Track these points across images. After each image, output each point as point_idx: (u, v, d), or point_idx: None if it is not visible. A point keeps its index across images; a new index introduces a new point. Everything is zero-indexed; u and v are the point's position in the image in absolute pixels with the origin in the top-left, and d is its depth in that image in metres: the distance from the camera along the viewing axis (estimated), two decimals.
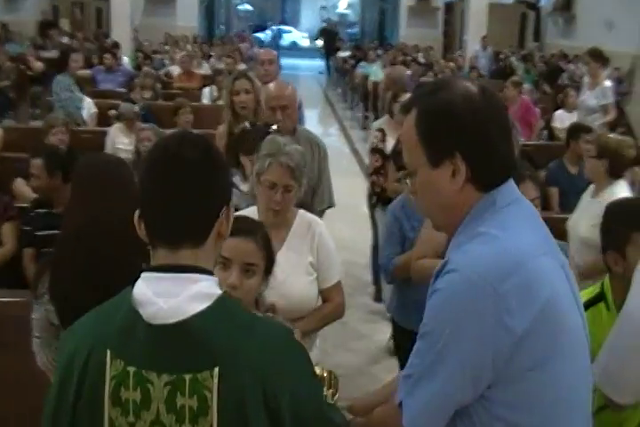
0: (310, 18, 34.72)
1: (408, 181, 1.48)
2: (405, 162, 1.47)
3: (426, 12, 20.31)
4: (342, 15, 34.00)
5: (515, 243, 1.34)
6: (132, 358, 1.21)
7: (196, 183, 1.25)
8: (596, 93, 6.66)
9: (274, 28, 32.53)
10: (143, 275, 1.26)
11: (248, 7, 32.83)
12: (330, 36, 22.85)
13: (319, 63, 24.17)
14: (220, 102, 8.62)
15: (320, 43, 26.91)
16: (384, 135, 4.46)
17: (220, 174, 1.29)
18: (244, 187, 3.24)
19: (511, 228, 1.36)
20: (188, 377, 1.19)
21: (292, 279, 2.43)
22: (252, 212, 2.51)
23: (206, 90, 8.70)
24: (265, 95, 3.50)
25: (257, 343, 1.23)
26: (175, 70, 10.85)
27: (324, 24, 29.89)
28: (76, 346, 1.27)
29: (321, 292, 2.52)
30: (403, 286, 2.96)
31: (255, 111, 3.84)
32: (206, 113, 6.93)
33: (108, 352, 1.23)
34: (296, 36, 33.12)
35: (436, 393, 1.33)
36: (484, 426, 1.33)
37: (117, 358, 1.22)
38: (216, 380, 1.19)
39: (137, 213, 1.30)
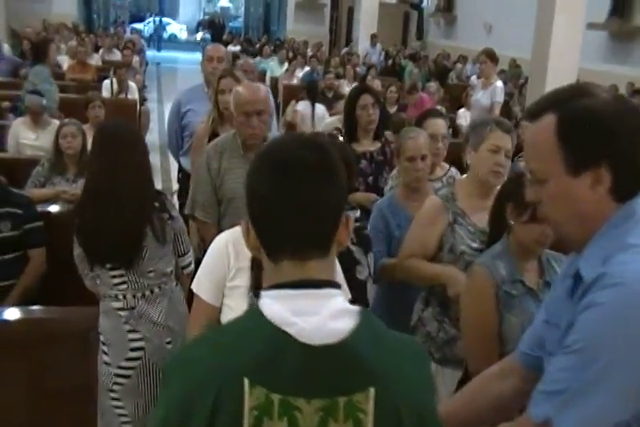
0: (189, 10, 34.02)
1: (533, 188, 1.41)
2: (532, 169, 1.39)
3: (313, 8, 20.43)
4: (223, 8, 33.57)
5: None
6: (275, 385, 1.10)
7: (323, 190, 1.16)
8: (490, 93, 6.92)
9: (153, 18, 31.62)
10: (271, 293, 1.16)
11: None
12: (216, 29, 22.49)
13: (199, 56, 23.71)
14: (122, 96, 8.44)
15: (200, 35, 26.44)
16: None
17: (341, 178, 1.21)
18: None
19: None
20: (342, 400, 1.11)
21: None
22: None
23: (106, 82, 8.32)
24: (235, 99, 3.07)
25: (408, 362, 1.17)
26: (64, 60, 10.32)
27: (206, 16, 29.37)
28: (194, 385, 1.12)
29: None
30: (389, 286, 2.94)
31: None
32: (112, 108, 6.63)
33: (246, 381, 1.10)
34: (174, 28, 32.32)
35: (596, 412, 1.27)
36: None
37: (258, 386, 1.10)
38: (372, 401, 1.12)
39: (246, 222, 1.20)
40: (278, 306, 1.13)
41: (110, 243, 2.68)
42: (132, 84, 8.58)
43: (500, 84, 6.99)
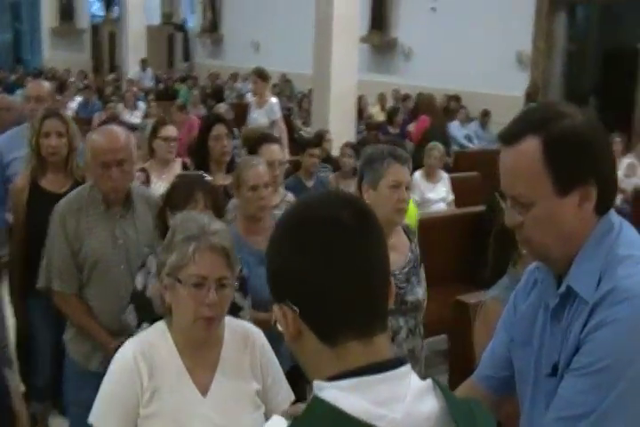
0: None
1: (513, 213, 1.38)
2: (517, 194, 1.36)
3: (70, 34, 19.47)
4: None
5: None
6: None
7: (376, 255, 1.02)
8: (266, 110, 7.05)
9: None
10: (341, 384, 0.96)
11: None
12: None
13: None
14: None
15: None
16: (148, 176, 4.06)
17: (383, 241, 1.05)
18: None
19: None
20: None
21: (236, 419, 1.79)
22: (157, 333, 1.83)
23: None
24: (91, 148, 2.69)
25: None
26: None
27: None
28: None
29: None
30: None
31: (67, 160, 3.19)
32: None
33: None
34: None
35: (631, 425, 1.26)
36: None
37: None
38: None
39: (281, 307, 1.01)
40: (356, 398, 0.95)
41: None
42: None
43: (274, 100, 7.17)
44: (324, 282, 0.98)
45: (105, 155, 2.63)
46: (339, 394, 0.95)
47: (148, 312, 2.27)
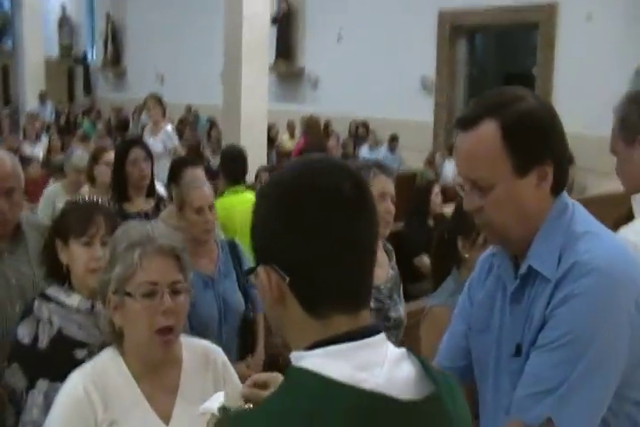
0: None
1: (471, 197, 1.41)
2: (476, 177, 1.39)
3: None
4: None
5: (614, 237, 1.43)
6: None
7: (370, 230, 0.99)
8: (162, 138, 6.90)
9: None
10: (321, 351, 0.95)
11: None
12: None
13: None
14: None
15: None
16: None
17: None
18: (72, 299, 2.02)
19: (597, 224, 1.43)
20: None
21: None
22: (107, 360, 1.63)
23: None
24: None
25: (460, 398, 1.05)
26: None
27: None
28: None
29: None
30: None
31: None
32: None
33: None
34: None
35: (597, 400, 1.30)
36: (615, 409, 1.35)
37: None
38: None
39: (267, 271, 0.97)
40: (338, 363, 0.94)
41: None
42: None
43: (169, 127, 7.04)
44: (321, 252, 0.95)
45: None
46: (320, 361, 0.95)
47: (41, 368, 1.90)
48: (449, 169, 8.34)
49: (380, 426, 0.93)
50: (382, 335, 1.01)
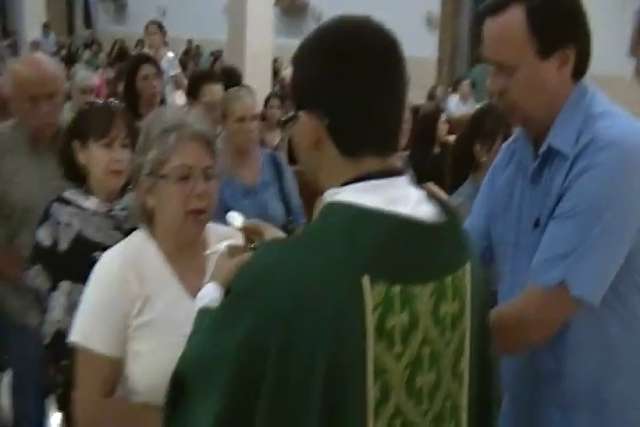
0: None
1: (497, 79, 1.49)
2: (502, 59, 1.48)
3: None
4: None
5: (632, 118, 1.49)
6: (396, 276, 1.02)
7: (402, 84, 1.10)
8: (163, 65, 6.68)
9: None
10: (356, 186, 1.06)
11: None
12: None
13: None
14: None
15: None
16: None
17: None
18: (90, 202, 2.04)
19: (614, 105, 1.51)
20: (448, 279, 1.09)
21: None
22: (139, 241, 1.65)
23: None
24: (15, 80, 2.40)
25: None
26: None
27: None
28: (298, 292, 0.99)
29: None
30: None
31: None
32: None
33: (366, 280, 0.99)
34: None
35: (606, 265, 1.41)
36: (625, 278, 1.45)
37: (380, 282, 1.00)
38: (469, 275, 1.12)
39: (308, 115, 1.07)
40: (370, 196, 1.05)
41: None
42: None
43: (170, 54, 6.83)
44: (360, 97, 1.05)
45: (33, 87, 2.35)
46: (353, 195, 1.05)
47: (63, 270, 1.95)
48: (452, 103, 8.40)
49: (410, 243, 1.04)
50: (407, 177, 1.12)
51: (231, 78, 4.68)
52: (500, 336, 1.30)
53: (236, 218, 1.42)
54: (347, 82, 1.06)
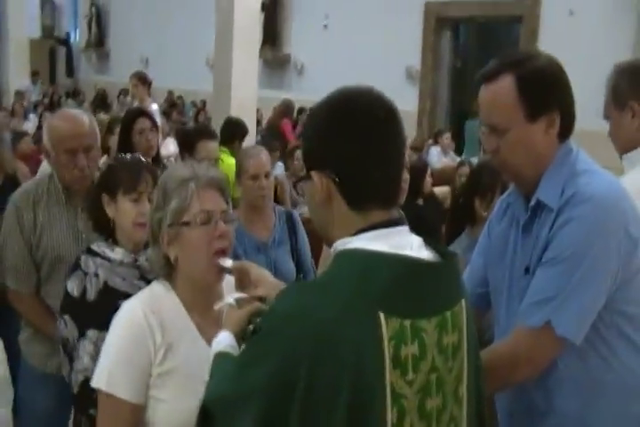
0: None
1: (490, 140, 1.65)
2: (494, 123, 1.64)
3: None
4: None
5: (611, 176, 1.67)
6: (407, 312, 1.17)
7: (400, 146, 1.26)
8: None
9: None
10: (365, 235, 1.20)
11: None
12: None
13: None
14: None
15: None
16: None
17: None
18: (116, 253, 2.11)
19: (595, 164, 1.67)
20: (448, 314, 1.23)
21: None
22: (160, 290, 1.72)
23: None
24: (53, 134, 2.48)
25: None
26: None
27: None
28: (321, 329, 1.11)
29: None
30: None
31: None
32: None
33: (381, 315, 1.14)
34: None
35: (588, 307, 1.55)
36: (606, 320, 1.59)
37: (393, 317, 1.15)
38: (464, 311, 1.27)
39: (320, 176, 1.22)
40: (378, 243, 1.18)
41: None
42: None
43: (155, 106, 6.94)
44: (366, 159, 1.21)
45: (70, 141, 2.45)
46: (364, 242, 1.19)
47: (91, 319, 2.02)
48: (434, 155, 8.56)
49: (417, 282, 1.19)
50: (407, 227, 1.26)
51: (238, 129, 4.77)
52: (490, 374, 1.43)
53: (225, 261, 1.63)
54: (352, 144, 1.20)
